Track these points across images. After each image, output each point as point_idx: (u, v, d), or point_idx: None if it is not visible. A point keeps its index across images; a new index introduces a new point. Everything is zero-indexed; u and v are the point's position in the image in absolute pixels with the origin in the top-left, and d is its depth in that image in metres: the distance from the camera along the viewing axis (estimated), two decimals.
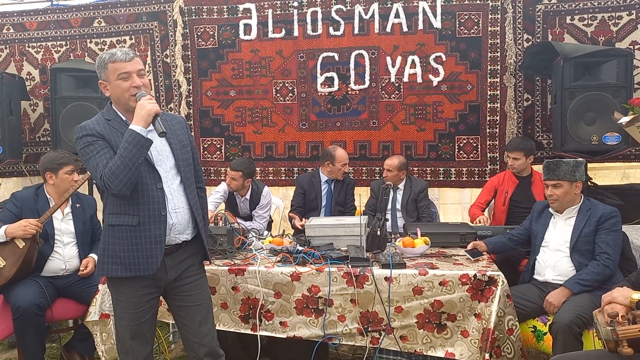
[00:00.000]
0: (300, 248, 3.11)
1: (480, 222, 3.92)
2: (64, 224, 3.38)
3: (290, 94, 5.01)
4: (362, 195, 4.21)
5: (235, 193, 4.38)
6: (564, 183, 2.98)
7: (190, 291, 2.40)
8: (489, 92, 4.67)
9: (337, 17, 4.85)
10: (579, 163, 2.99)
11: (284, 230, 4.43)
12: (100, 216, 5.17)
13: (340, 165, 4.36)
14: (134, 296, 2.30)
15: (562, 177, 2.97)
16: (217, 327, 2.96)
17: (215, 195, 4.31)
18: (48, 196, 3.35)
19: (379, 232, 3.15)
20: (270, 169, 5.11)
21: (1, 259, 3.15)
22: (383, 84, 4.85)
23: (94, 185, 4.98)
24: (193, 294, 2.40)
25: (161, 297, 2.46)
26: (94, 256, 3.37)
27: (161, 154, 2.31)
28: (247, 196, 4.35)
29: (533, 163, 4.11)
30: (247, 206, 4.37)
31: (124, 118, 2.29)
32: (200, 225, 2.39)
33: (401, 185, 4.33)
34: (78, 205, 3.45)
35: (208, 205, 4.07)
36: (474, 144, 4.75)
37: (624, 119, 3.38)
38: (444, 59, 4.70)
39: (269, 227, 4.45)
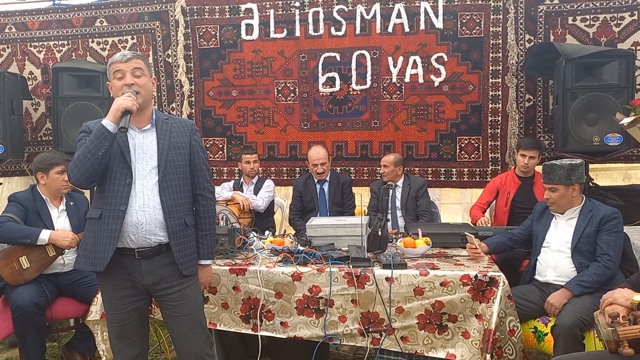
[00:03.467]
0: (301, 248, 3.11)
1: (480, 224, 3.92)
2: (60, 221, 3.41)
3: (292, 94, 5.02)
4: (363, 195, 4.20)
5: (241, 182, 4.56)
6: (559, 187, 2.97)
7: (174, 301, 2.36)
8: (490, 93, 4.67)
9: (338, 17, 4.85)
10: (574, 166, 2.95)
11: (285, 230, 4.43)
12: None
13: (312, 165, 4.38)
14: (114, 297, 2.32)
15: (557, 182, 2.96)
16: (218, 327, 2.97)
17: (225, 190, 4.49)
18: (43, 196, 3.39)
19: (380, 233, 3.15)
20: (272, 168, 5.12)
21: (27, 260, 3.18)
22: (384, 84, 4.85)
23: None
24: (178, 304, 2.37)
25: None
26: None
27: (146, 152, 2.32)
28: (254, 180, 4.56)
29: (537, 163, 4.11)
30: (253, 193, 4.50)
31: None
32: (171, 230, 2.31)
33: (399, 183, 4.33)
34: (72, 203, 3.50)
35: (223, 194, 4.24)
36: (476, 145, 4.75)
37: (626, 120, 3.38)
38: (446, 59, 4.70)
39: (272, 228, 4.44)
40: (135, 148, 2.30)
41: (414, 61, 4.76)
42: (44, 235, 3.18)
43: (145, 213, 2.27)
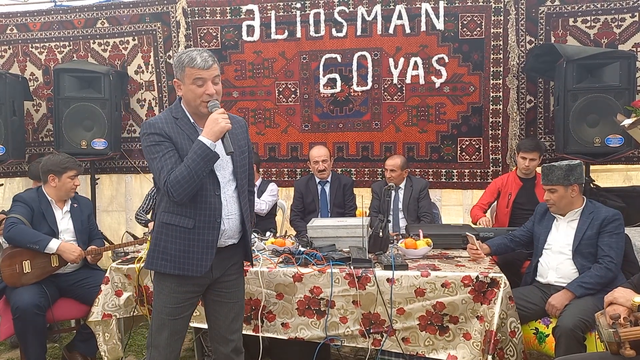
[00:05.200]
0: (302, 249, 3.11)
1: (481, 224, 3.92)
2: (63, 222, 3.43)
3: (293, 95, 5.02)
4: (364, 197, 4.20)
5: None
6: (558, 188, 2.97)
7: (228, 289, 2.44)
8: (491, 94, 4.67)
9: (339, 19, 4.85)
10: (572, 166, 2.95)
11: (286, 231, 4.43)
12: (101, 217, 5.21)
13: (314, 163, 4.38)
14: (177, 292, 2.32)
15: (556, 182, 2.96)
16: None
17: None
18: (49, 198, 3.40)
19: (381, 234, 3.15)
20: (273, 170, 5.12)
21: (30, 265, 3.20)
22: (385, 86, 4.85)
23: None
24: (230, 292, 2.45)
25: None
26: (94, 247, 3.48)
27: (222, 159, 2.31)
28: (257, 183, 4.50)
29: (538, 164, 4.11)
30: (256, 195, 4.46)
31: (191, 120, 2.31)
32: (247, 232, 2.43)
33: (402, 185, 4.33)
34: (75, 205, 3.52)
35: None
36: (476, 146, 4.75)
37: (627, 121, 3.38)
38: (447, 60, 4.70)
39: (273, 229, 4.44)
40: None
41: (415, 62, 4.76)
42: (53, 244, 3.20)
43: (229, 221, 2.33)
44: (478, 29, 4.63)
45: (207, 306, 2.50)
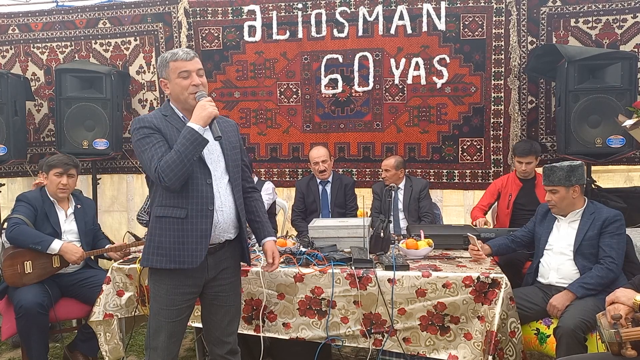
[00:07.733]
0: (303, 249, 3.12)
1: (479, 225, 3.91)
2: (67, 224, 3.43)
3: (295, 96, 5.02)
4: (365, 197, 4.20)
5: None
6: (559, 189, 2.97)
7: (224, 292, 2.46)
8: (492, 95, 4.67)
9: (341, 19, 4.86)
10: (574, 167, 2.95)
11: (287, 232, 4.43)
12: (103, 217, 5.21)
13: (314, 164, 4.39)
14: (174, 293, 2.33)
15: (557, 183, 2.96)
16: None
17: None
18: (52, 198, 3.40)
19: (382, 234, 3.15)
20: (275, 170, 5.12)
21: (31, 265, 3.20)
22: (387, 86, 4.85)
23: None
24: (227, 295, 2.46)
25: None
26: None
27: (213, 153, 2.35)
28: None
29: (537, 165, 4.11)
30: None
31: (180, 115, 2.35)
32: (243, 227, 2.43)
33: (401, 185, 4.33)
34: (79, 206, 3.53)
35: None
36: (478, 146, 4.75)
37: (628, 122, 3.38)
38: (448, 61, 4.70)
39: (274, 229, 4.45)
40: (204, 149, 2.31)
41: (416, 63, 4.76)
42: (55, 245, 3.20)
43: (223, 213, 2.34)
44: (479, 29, 4.63)
45: (204, 308, 2.51)
